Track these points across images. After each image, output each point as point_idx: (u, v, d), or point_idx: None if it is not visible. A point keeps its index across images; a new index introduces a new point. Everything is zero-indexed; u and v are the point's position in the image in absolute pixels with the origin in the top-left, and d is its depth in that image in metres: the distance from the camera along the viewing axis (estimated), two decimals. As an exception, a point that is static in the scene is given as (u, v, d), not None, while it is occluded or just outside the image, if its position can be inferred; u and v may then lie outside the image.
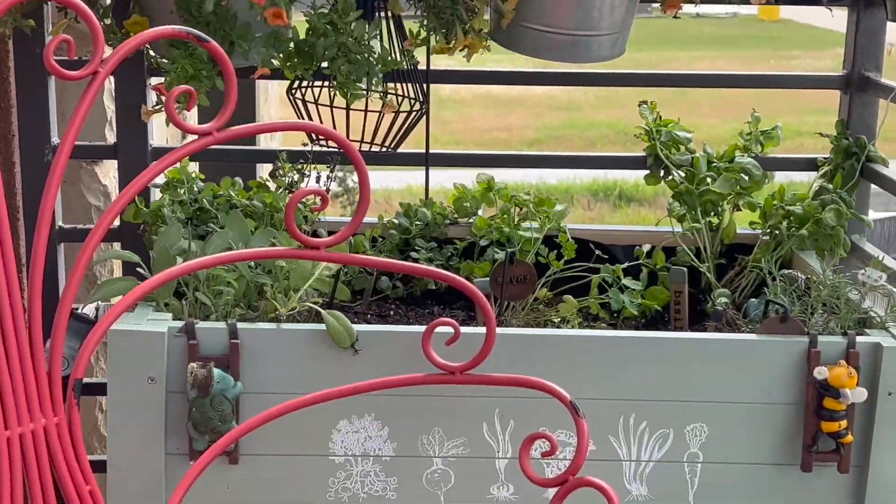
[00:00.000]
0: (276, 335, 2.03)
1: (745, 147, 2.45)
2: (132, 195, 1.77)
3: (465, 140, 10.92)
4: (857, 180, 2.47)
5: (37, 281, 1.69)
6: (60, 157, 1.69)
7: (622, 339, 2.08)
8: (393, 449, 2.07)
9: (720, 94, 10.94)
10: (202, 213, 2.28)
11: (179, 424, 2.01)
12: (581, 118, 12.24)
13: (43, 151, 2.38)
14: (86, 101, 1.70)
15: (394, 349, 2.02)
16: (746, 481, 2.08)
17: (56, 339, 1.71)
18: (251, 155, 2.73)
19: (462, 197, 2.50)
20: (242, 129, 1.85)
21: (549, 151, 4.84)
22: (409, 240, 2.47)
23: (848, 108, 2.54)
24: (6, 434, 1.67)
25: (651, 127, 2.46)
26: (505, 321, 2.26)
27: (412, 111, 2.33)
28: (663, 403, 2.06)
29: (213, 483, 2.04)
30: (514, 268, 2.27)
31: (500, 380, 1.94)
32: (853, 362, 2.03)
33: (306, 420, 2.01)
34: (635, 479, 2.09)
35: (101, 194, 2.96)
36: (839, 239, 2.33)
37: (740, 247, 2.48)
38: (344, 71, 2.15)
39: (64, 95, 2.62)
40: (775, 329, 2.07)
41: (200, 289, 2.06)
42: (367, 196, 1.87)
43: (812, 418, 2.05)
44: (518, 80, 2.65)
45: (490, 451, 2.07)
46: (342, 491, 2.08)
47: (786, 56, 14.92)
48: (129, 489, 2.02)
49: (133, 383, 1.99)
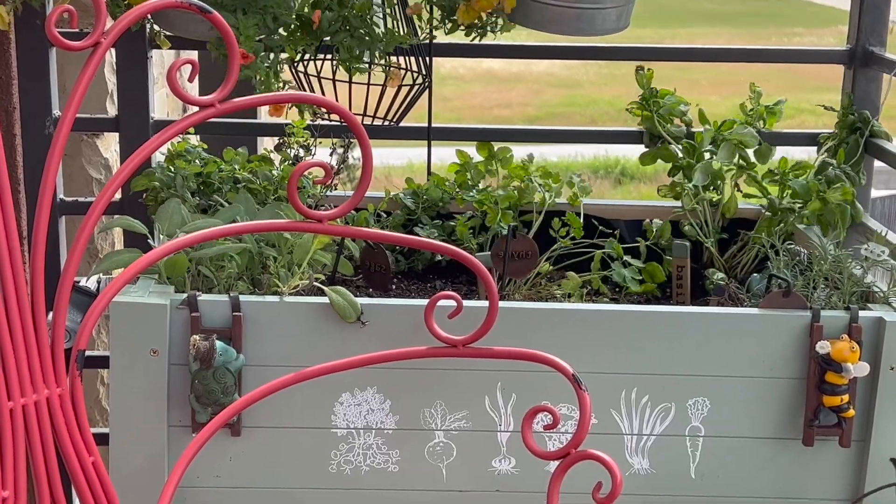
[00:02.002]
0: (278, 308, 2.03)
1: (748, 122, 2.44)
2: (134, 167, 1.77)
3: (466, 117, 10.89)
4: (860, 155, 2.47)
5: (39, 253, 1.68)
6: (62, 129, 1.68)
7: (624, 313, 2.08)
8: (395, 422, 2.07)
9: (720, 72, 10.91)
10: (206, 186, 2.28)
11: (182, 397, 2.01)
12: (581, 95, 12.22)
13: (44, 124, 2.38)
14: (87, 73, 1.69)
15: (396, 322, 2.02)
16: (748, 455, 2.09)
17: (59, 311, 1.71)
18: (253, 128, 2.72)
19: (465, 166, 2.49)
20: (245, 101, 1.84)
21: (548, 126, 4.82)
22: (413, 214, 2.46)
23: (852, 84, 2.53)
24: (9, 405, 1.67)
25: (647, 98, 2.44)
26: (507, 295, 2.26)
27: (414, 84, 2.33)
28: (665, 377, 2.06)
29: (216, 455, 2.04)
30: (515, 242, 2.27)
31: (502, 353, 1.94)
32: (855, 337, 2.03)
33: (309, 393, 2.01)
34: (637, 452, 2.09)
35: (102, 167, 2.95)
36: (845, 216, 2.33)
37: (742, 222, 2.48)
38: (347, 45, 2.14)
39: (65, 68, 2.61)
40: (778, 303, 2.07)
41: (203, 262, 2.06)
42: (370, 170, 1.86)
43: (814, 392, 2.05)
44: (520, 53, 2.63)
45: (492, 425, 2.08)
46: (344, 463, 2.08)
47: (788, 33, 14.88)
48: (131, 461, 2.02)
49: (136, 355, 1.99)
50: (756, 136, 2.40)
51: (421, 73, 2.33)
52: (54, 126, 2.37)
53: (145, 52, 2.38)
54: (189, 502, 2.07)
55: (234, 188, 2.27)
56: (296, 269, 2.10)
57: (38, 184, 1.68)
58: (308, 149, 2.31)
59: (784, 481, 2.10)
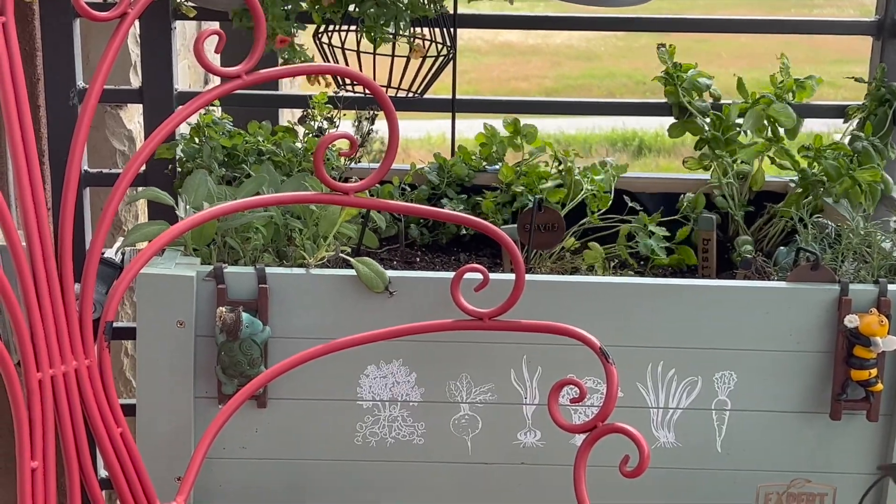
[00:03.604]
0: (304, 280, 2.03)
1: (778, 95, 2.41)
2: (161, 139, 1.76)
3: (483, 90, 10.84)
4: (888, 128, 2.44)
5: (67, 225, 1.68)
6: (90, 100, 1.68)
7: (651, 286, 2.07)
8: (420, 394, 2.07)
9: (740, 43, 10.83)
10: (230, 158, 2.27)
11: (208, 368, 2.01)
12: (599, 68, 12.15)
13: (68, 95, 2.37)
14: (115, 43, 1.69)
15: (422, 295, 2.02)
16: (775, 429, 2.08)
17: (86, 283, 1.71)
18: (276, 100, 2.71)
19: (490, 139, 2.48)
20: (272, 73, 1.84)
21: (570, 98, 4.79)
22: (438, 188, 2.45)
23: (880, 55, 2.50)
24: (38, 376, 1.67)
25: (671, 72, 2.42)
26: (532, 269, 2.25)
27: (439, 56, 2.31)
28: (692, 351, 2.05)
29: (242, 427, 2.05)
30: (541, 215, 2.26)
31: (529, 326, 1.94)
32: (884, 310, 2.02)
33: (334, 365, 2.01)
34: (663, 426, 2.09)
35: (125, 139, 2.95)
36: (875, 194, 2.31)
37: (768, 195, 2.46)
38: (372, 14, 2.13)
39: (88, 40, 2.60)
40: (806, 277, 2.06)
41: (229, 234, 2.05)
42: (397, 142, 1.86)
43: (842, 366, 2.04)
44: (541, 24, 2.61)
45: (517, 398, 2.07)
46: (370, 436, 2.08)
47: (808, 4, 14.75)
48: (158, 432, 2.03)
49: (162, 327, 1.99)
50: (791, 113, 2.37)
51: (445, 45, 2.32)
52: (79, 97, 2.37)
53: (169, 23, 2.37)
54: (215, 473, 2.07)
55: (259, 160, 2.26)
56: (321, 241, 2.09)
57: (62, 155, 1.68)
58: (332, 121, 2.30)
59: (811, 455, 2.09)
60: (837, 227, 2.21)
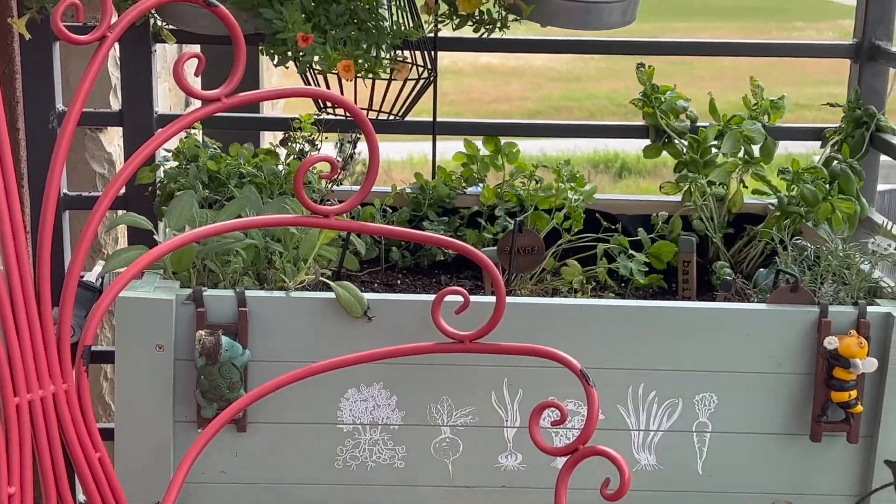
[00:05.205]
0: (284, 303, 2.02)
1: (752, 116, 2.43)
2: (140, 162, 1.76)
3: (465, 111, 10.88)
4: (866, 150, 2.46)
5: (45, 249, 1.68)
6: (68, 124, 1.67)
7: (631, 308, 2.07)
8: (401, 417, 2.06)
9: (721, 66, 10.90)
10: (212, 180, 2.27)
11: (187, 392, 2.00)
12: (580, 89, 12.21)
13: (48, 118, 2.36)
14: (94, 67, 1.69)
15: (403, 318, 2.01)
16: (755, 451, 2.08)
17: (65, 307, 1.70)
18: (257, 123, 2.71)
19: (471, 158, 2.48)
20: (251, 96, 1.83)
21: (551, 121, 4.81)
22: (419, 209, 2.45)
23: (858, 78, 2.52)
24: (15, 401, 1.66)
25: (649, 94, 2.43)
26: (513, 290, 2.25)
27: (420, 79, 2.32)
28: (672, 373, 2.05)
29: (222, 451, 2.04)
30: (521, 238, 2.26)
31: (510, 349, 1.93)
32: (863, 332, 2.03)
33: (314, 388, 2.00)
34: (644, 448, 2.09)
35: (105, 162, 2.94)
36: (853, 220, 2.32)
37: (748, 217, 2.47)
38: (354, 38, 2.13)
39: (68, 62, 2.60)
40: (785, 299, 2.07)
41: (209, 257, 2.05)
42: (377, 164, 1.85)
43: (822, 388, 2.04)
44: (522, 47, 2.63)
45: (498, 420, 2.07)
46: (350, 459, 2.07)
47: (787, 27, 14.87)
48: (137, 457, 2.01)
49: (141, 351, 1.98)
50: (762, 131, 2.39)
51: (426, 68, 2.32)
52: (58, 120, 2.36)
53: (149, 46, 2.37)
54: (194, 498, 2.06)
55: (241, 182, 2.26)
56: (301, 264, 2.09)
57: (41, 178, 1.68)
58: (313, 143, 2.30)
59: (792, 477, 2.10)
60: (817, 250, 2.21)
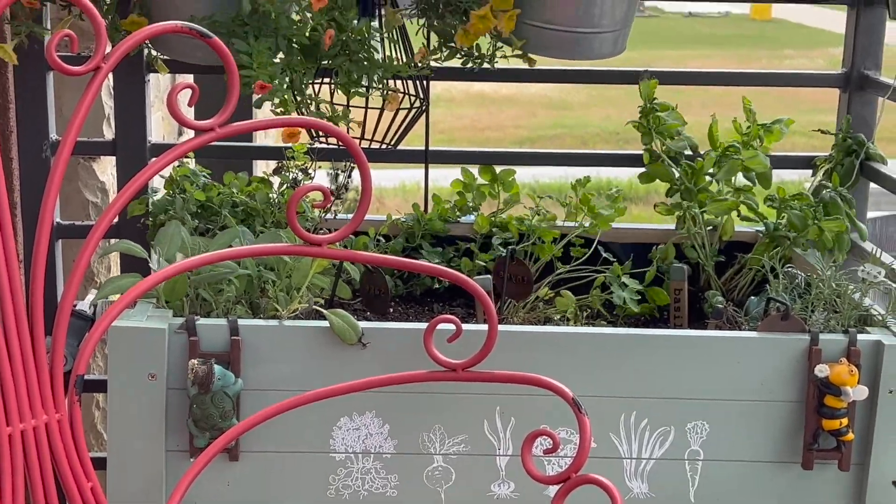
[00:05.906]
0: (276, 332, 2.02)
1: (745, 143, 2.43)
2: (134, 191, 1.76)
3: (458, 139, 10.91)
4: (856, 178, 2.48)
5: (38, 278, 1.68)
6: (62, 153, 1.67)
7: (623, 336, 2.08)
8: (394, 446, 2.06)
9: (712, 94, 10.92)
10: (204, 210, 2.27)
11: (180, 421, 2.00)
12: (572, 117, 12.25)
13: (41, 147, 2.37)
14: (88, 97, 1.69)
15: (395, 346, 2.02)
16: (747, 479, 2.09)
17: (58, 336, 1.70)
18: (250, 151, 2.72)
19: (467, 186, 2.49)
20: (245, 125, 1.84)
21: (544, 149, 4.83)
22: (413, 239, 2.46)
23: (847, 107, 2.54)
24: (8, 430, 1.66)
25: (647, 111, 2.41)
26: (505, 318, 2.26)
27: (412, 108, 2.33)
28: (664, 401, 2.06)
29: (214, 480, 2.03)
30: (513, 266, 2.27)
31: (502, 377, 1.94)
32: (854, 360, 2.03)
33: (307, 417, 2.00)
34: (636, 476, 2.09)
35: (98, 191, 2.95)
36: (843, 244, 2.34)
37: (739, 244, 2.48)
38: (346, 69, 2.14)
39: (61, 92, 2.61)
40: (776, 327, 2.08)
41: (202, 285, 2.05)
42: (369, 193, 1.86)
43: (813, 416, 2.05)
44: (514, 77, 2.64)
45: (491, 449, 2.07)
46: (343, 488, 2.07)
47: (778, 55, 14.95)
48: (129, 486, 2.01)
49: (134, 380, 1.98)
50: (764, 160, 2.39)
51: (418, 97, 2.33)
52: (51, 150, 2.37)
53: (143, 76, 2.38)
54: (187, 527, 2.05)
55: (233, 211, 2.26)
56: (294, 292, 2.09)
57: (34, 207, 1.68)
58: (307, 172, 2.31)
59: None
60: (807, 277, 2.23)
